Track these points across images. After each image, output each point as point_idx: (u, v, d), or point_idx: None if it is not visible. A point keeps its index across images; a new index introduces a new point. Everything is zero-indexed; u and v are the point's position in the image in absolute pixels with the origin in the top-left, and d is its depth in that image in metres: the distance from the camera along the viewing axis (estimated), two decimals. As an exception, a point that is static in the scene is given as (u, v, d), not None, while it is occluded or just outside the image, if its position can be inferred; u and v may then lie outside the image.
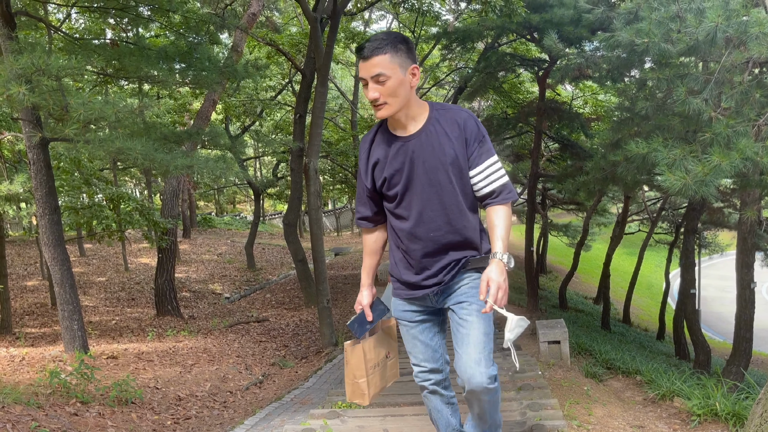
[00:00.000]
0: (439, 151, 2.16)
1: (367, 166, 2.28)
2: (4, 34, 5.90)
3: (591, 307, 18.53)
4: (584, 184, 8.40)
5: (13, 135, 9.15)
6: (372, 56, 2.06)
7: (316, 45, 8.53)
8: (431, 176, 2.17)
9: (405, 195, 2.21)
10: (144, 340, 8.77)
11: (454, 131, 2.17)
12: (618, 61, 6.70)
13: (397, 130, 2.22)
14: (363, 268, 2.51)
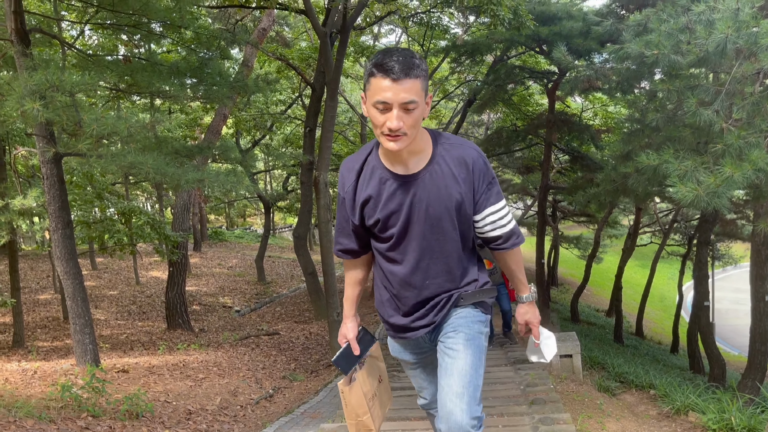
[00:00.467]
0: (445, 196, 1.93)
1: (355, 201, 2.00)
2: (19, 51, 5.99)
3: (603, 320, 18.36)
4: (595, 196, 8.36)
5: (27, 150, 9.27)
6: (405, 78, 1.75)
7: (325, 59, 8.60)
8: (434, 223, 1.95)
9: (402, 239, 1.99)
10: (155, 354, 8.79)
11: (461, 172, 1.94)
12: (628, 73, 6.69)
13: (396, 165, 1.93)
14: (345, 299, 2.29)
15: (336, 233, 2.14)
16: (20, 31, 6.03)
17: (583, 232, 23.52)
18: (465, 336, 2.04)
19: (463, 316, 2.10)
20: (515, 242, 2.09)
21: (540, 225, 13.15)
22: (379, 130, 1.80)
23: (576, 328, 12.27)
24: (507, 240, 2.08)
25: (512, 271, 2.17)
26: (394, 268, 2.05)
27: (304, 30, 17.58)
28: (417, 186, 1.92)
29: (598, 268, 22.16)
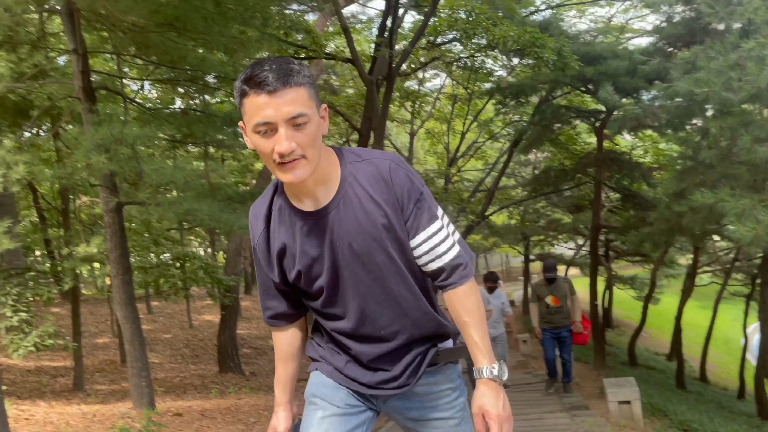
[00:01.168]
0: (367, 224, 1.52)
1: (270, 254, 1.61)
2: (86, 108, 6.38)
3: (664, 364, 17.59)
4: (649, 236, 8.18)
5: (90, 199, 9.73)
6: (285, 88, 1.39)
7: (372, 106, 8.81)
8: (365, 260, 1.54)
9: (335, 290, 1.59)
10: (207, 397, 8.89)
11: (380, 192, 1.53)
12: (678, 111, 6.61)
13: (303, 200, 1.55)
14: (277, 381, 1.82)
15: (261, 297, 1.73)
16: (87, 89, 6.44)
17: (638, 272, 22.78)
18: (455, 422, 1.71)
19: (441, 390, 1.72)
20: (463, 274, 1.61)
21: (592, 265, 12.86)
22: (270, 160, 1.43)
23: (634, 373, 11.80)
24: (451, 273, 1.61)
25: (464, 325, 1.61)
26: (338, 325, 1.66)
27: (351, 77, 18.06)
28: (332, 221, 1.53)
29: (655, 310, 21.35)
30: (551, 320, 7.17)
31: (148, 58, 7.30)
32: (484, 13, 8.77)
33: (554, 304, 7.08)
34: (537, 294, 7.37)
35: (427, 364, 1.67)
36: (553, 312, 7.14)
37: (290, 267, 1.60)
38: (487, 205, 15.26)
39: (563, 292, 7.10)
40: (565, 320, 7.08)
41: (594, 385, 8.92)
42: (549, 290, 7.17)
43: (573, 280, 7.65)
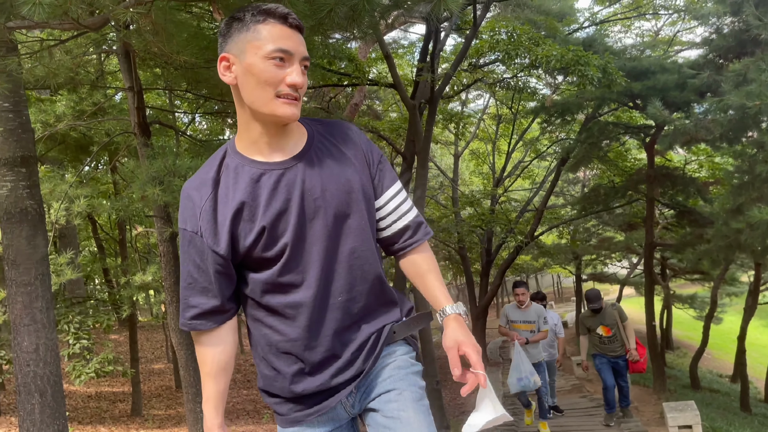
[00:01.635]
0: (340, 177, 1.49)
1: (217, 223, 1.44)
2: (141, 142, 6.66)
3: (727, 386, 16.79)
4: (707, 253, 7.89)
5: (145, 229, 10.09)
6: (300, 32, 1.44)
7: (415, 129, 8.87)
8: (336, 213, 1.47)
9: (299, 248, 1.45)
10: (260, 422, 8.99)
11: (349, 148, 1.54)
12: (731, 124, 6.42)
13: (271, 152, 1.47)
14: (206, 401, 1.62)
15: (185, 296, 1.53)
16: (142, 124, 6.72)
17: (697, 290, 21.95)
18: (413, 396, 1.53)
19: (401, 365, 1.57)
20: (426, 231, 1.63)
21: (648, 284, 12.45)
22: (273, 92, 1.38)
23: (696, 396, 11.31)
24: (416, 230, 1.61)
25: (428, 273, 1.61)
26: (294, 297, 1.47)
27: (394, 102, 18.25)
28: (304, 171, 1.46)
29: (717, 330, 20.46)
30: (606, 350, 6.87)
31: (199, 92, 7.57)
32: (525, 33, 8.75)
33: (606, 334, 6.78)
34: (586, 326, 7.01)
35: (384, 342, 1.55)
36: (606, 342, 6.83)
37: (248, 229, 1.44)
38: (536, 225, 15.03)
39: (613, 319, 6.77)
40: (621, 348, 6.78)
41: (654, 410, 8.60)
42: (598, 320, 6.84)
43: (628, 301, 7.32)
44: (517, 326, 6.52)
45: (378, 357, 1.54)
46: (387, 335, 1.56)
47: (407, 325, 1.62)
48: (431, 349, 8.26)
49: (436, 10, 3.86)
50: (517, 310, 6.57)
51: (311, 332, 1.49)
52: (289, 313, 1.49)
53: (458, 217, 16.26)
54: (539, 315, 6.52)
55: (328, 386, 1.51)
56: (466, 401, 10.59)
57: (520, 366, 6.15)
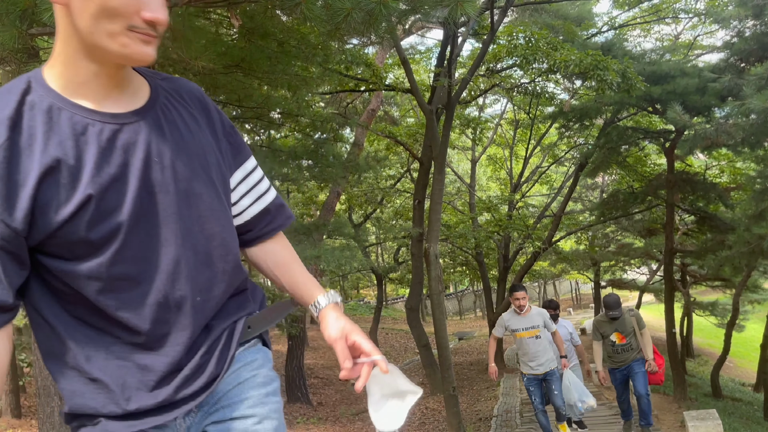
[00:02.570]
0: (193, 144, 1.17)
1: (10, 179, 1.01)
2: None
3: (750, 395, 16.48)
4: (728, 259, 7.77)
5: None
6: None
7: (432, 135, 8.86)
8: (191, 189, 1.14)
9: (136, 232, 1.09)
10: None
11: (202, 113, 1.23)
12: (753, 128, 6.32)
13: (102, 101, 1.09)
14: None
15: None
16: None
17: (719, 297, 21.61)
18: (272, 426, 1.24)
19: (259, 383, 1.26)
20: (288, 215, 1.39)
21: (668, 291, 12.29)
22: (124, 23, 1.02)
23: (718, 405, 11.12)
24: (277, 214, 1.36)
25: (292, 263, 1.37)
26: (128, 299, 1.10)
27: (411, 107, 18.26)
28: (148, 131, 1.11)
29: (740, 337, 20.11)
30: (619, 359, 6.40)
31: (217, 97, 7.64)
32: (543, 38, 8.71)
33: (620, 341, 6.32)
34: (600, 332, 6.50)
35: (237, 340, 1.23)
36: (620, 350, 6.35)
37: (64, 197, 1.04)
38: (554, 231, 14.91)
39: (630, 327, 6.31)
40: (636, 356, 6.32)
41: (674, 418, 8.46)
42: (613, 327, 6.35)
43: (648, 308, 7.08)
44: (520, 335, 6.06)
45: (232, 359, 1.22)
46: (241, 331, 1.24)
47: (264, 318, 1.32)
48: (447, 356, 8.22)
49: (453, 15, 3.85)
50: (518, 317, 6.08)
51: (153, 340, 1.13)
52: (121, 317, 1.09)
53: (475, 222, 16.20)
54: (542, 316, 6.08)
55: (171, 401, 1.14)
56: (483, 408, 10.51)
57: (571, 390, 6.00)
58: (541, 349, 5.99)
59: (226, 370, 1.21)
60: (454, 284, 37.43)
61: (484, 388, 12.25)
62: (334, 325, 1.28)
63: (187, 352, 1.16)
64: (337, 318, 1.29)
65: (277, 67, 5.99)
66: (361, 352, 1.26)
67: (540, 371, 6.01)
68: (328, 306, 1.31)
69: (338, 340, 1.25)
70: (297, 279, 1.36)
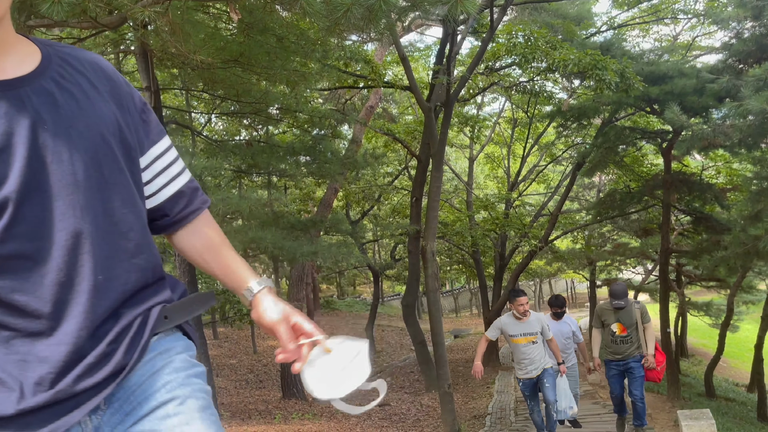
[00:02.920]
0: (90, 112, 1.09)
1: None
2: (157, 142, 6.72)
3: (744, 395, 16.55)
4: (723, 260, 7.80)
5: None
6: None
7: (430, 132, 8.86)
8: (89, 159, 1.06)
9: (28, 206, 1.01)
10: (271, 423, 9.00)
11: (103, 83, 1.14)
12: (750, 129, 6.34)
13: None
14: None
15: None
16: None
17: (713, 297, 21.69)
18: (197, 406, 1.14)
19: (176, 368, 1.16)
20: (204, 199, 1.31)
21: (663, 291, 12.32)
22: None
23: (711, 405, 11.17)
24: (193, 198, 1.29)
25: (221, 246, 1.30)
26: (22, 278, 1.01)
27: (410, 105, 18.26)
28: (36, 98, 1.04)
29: (734, 338, 20.19)
30: (617, 351, 6.13)
31: (215, 92, 7.64)
32: (543, 37, 8.72)
33: (621, 332, 6.05)
34: (601, 319, 6.27)
35: (152, 328, 1.13)
36: (619, 341, 6.09)
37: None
38: (551, 230, 14.94)
39: (633, 319, 6.03)
40: (636, 351, 6.06)
41: (668, 417, 8.50)
42: (616, 316, 6.10)
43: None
44: (517, 341, 5.88)
45: (145, 348, 1.11)
46: (156, 319, 1.15)
47: (183, 308, 1.22)
48: (443, 353, 8.23)
49: (453, 12, 3.85)
50: (516, 323, 5.91)
51: (51, 325, 1.03)
52: (17, 301, 1.01)
53: (472, 220, 16.22)
54: (541, 322, 5.91)
55: (69, 393, 1.03)
56: (477, 405, 10.54)
57: (561, 397, 5.89)
58: (537, 354, 5.85)
59: (138, 359, 1.10)
60: (450, 282, 37.47)
61: (478, 386, 12.28)
62: (273, 308, 1.23)
63: (91, 338, 1.04)
64: (275, 301, 1.24)
65: (276, 63, 5.99)
66: (302, 334, 1.22)
67: (534, 374, 5.90)
68: (262, 290, 1.25)
69: (280, 322, 1.21)
70: (227, 263, 1.28)
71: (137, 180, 1.17)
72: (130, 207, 1.12)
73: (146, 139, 1.20)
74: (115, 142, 1.10)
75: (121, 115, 1.14)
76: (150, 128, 1.22)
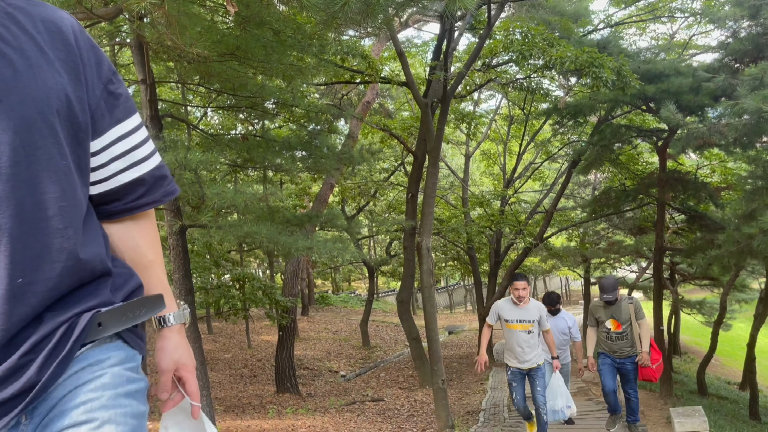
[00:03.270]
0: (28, 82, 0.93)
1: None
2: (153, 135, 6.69)
3: (736, 394, 16.65)
4: (717, 259, 7.83)
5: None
6: None
7: (427, 128, 8.85)
8: (18, 140, 0.91)
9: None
10: (265, 417, 9.01)
11: (56, 49, 0.99)
12: (746, 129, 6.35)
13: None
14: None
15: None
16: (155, 117, 6.75)
17: (706, 296, 21.80)
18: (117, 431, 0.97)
19: (104, 384, 1.01)
20: (168, 191, 1.18)
21: (656, 289, 12.37)
22: None
23: (704, 402, 11.24)
24: (153, 187, 1.15)
25: (152, 265, 1.17)
26: None
27: (406, 101, 18.23)
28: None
29: (726, 336, 20.29)
30: (612, 348, 6.05)
31: (211, 86, 7.60)
32: (540, 34, 8.71)
33: (615, 329, 5.93)
34: (595, 317, 6.16)
35: (78, 338, 0.97)
36: (614, 338, 5.98)
37: None
38: (546, 227, 14.97)
39: (627, 315, 5.92)
40: (630, 349, 5.97)
41: (660, 414, 8.54)
42: (609, 312, 5.98)
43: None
44: (512, 326, 5.59)
45: (66, 361, 0.96)
46: (86, 327, 0.98)
47: (122, 313, 1.04)
48: (437, 349, 8.24)
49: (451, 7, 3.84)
50: (514, 308, 5.58)
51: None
52: None
53: (468, 217, 16.24)
54: (540, 311, 5.59)
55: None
56: (471, 401, 10.56)
57: (557, 395, 5.63)
58: (532, 344, 5.55)
59: (54, 375, 0.94)
60: (445, 278, 37.53)
61: (472, 382, 12.31)
62: (170, 353, 1.18)
63: (5, 347, 0.91)
64: (176, 346, 1.17)
65: (273, 57, 5.97)
66: (182, 388, 1.18)
67: (525, 366, 5.61)
68: (174, 327, 1.17)
69: (167, 372, 1.17)
70: (151, 282, 1.15)
71: (83, 165, 1.02)
72: (71, 199, 0.97)
73: (108, 117, 1.06)
74: (59, 122, 0.95)
75: (74, 89, 0.98)
76: (116, 104, 1.07)
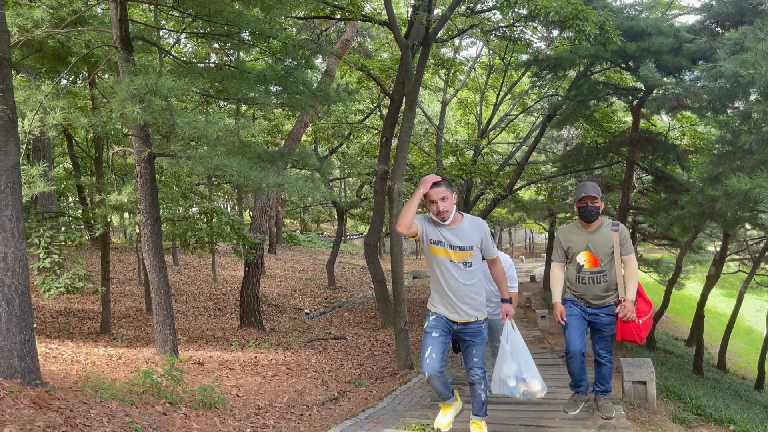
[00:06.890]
0: None
1: None
2: (122, 57, 6.44)
3: (682, 349, 17.48)
4: (679, 219, 8.03)
5: (123, 149, 9.89)
6: None
7: (406, 71, 8.71)
8: None
9: None
10: (228, 350, 9.12)
11: None
12: (720, 93, 6.42)
13: None
14: None
15: None
16: (124, 39, 6.48)
17: (664, 256, 22.53)
18: None
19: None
20: None
21: (618, 246, 12.70)
22: None
23: (652, 356, 11.77)
24: None
25: None
26: None
27: (386, 41, 17.85)
28: None
29: (678, 295, 21.13)
30: (583, 293, 4.16)
31: (185, 10, 7.29)
32: (526, -19, 8.53)
33: (591, 266, 4.09)
34: (563, 247, 4.23)
35: None
36: (587, 280, 4.12)
37: None
38: (516, 180, 15.11)
39: (608, 247, 4.06)
40: (608, 296, 4.13)
41: (610, 365, 8.91)
42: (584, 240, 4.12)
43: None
44: (436, 251, 3.63)
45: None
46: None
47: None
48: (401, 291, 8.39)
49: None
50: (440, 227, 3.64)
51: None
52: None
53: (440, 165, 16.25)
54: (481, 232, 3.61)
55: None
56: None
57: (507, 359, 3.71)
58: (469, 284, 3.60)
59: None
60: (413, 225, 37.82)
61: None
62: None
63: None
64: None
65: (252, -17, 5.73)
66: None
67: (458, 318, 3.65)
68: None
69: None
70: None
71: None
72: None
73: None
74: None
75: None
76: None
